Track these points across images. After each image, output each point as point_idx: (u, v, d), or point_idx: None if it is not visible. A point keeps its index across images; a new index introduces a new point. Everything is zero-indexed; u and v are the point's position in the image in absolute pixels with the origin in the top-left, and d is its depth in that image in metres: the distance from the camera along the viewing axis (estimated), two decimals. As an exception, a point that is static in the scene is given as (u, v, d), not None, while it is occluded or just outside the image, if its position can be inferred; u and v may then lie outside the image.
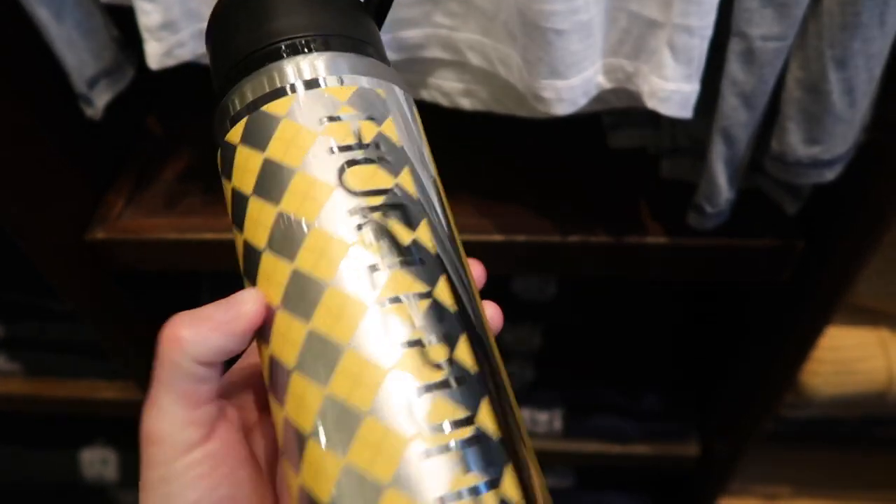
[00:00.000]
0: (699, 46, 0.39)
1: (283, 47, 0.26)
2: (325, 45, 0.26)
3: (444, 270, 0.24)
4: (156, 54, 0.46)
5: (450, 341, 0.22)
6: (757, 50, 0.41)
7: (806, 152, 0.45)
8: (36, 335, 0.80)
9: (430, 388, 0.21)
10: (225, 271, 0.75)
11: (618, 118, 0.59)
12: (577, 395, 0.82)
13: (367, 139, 0.24)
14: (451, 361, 0.22)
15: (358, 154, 0.24)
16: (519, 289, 0.77)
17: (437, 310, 0.23)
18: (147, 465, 0.23)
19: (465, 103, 0.50)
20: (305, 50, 0.26)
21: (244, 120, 0.25)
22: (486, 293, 0.27)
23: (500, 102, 0.49)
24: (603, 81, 0.43)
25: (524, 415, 0.78)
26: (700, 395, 0.83)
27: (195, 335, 0.23)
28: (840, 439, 0.83)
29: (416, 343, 0.22)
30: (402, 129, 0.26)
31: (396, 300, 0.22)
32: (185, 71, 0.49)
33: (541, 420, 0.81)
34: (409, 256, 0.23)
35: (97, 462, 0.95)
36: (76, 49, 0.51)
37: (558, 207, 0.56)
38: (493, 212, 0.56)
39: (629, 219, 0.56)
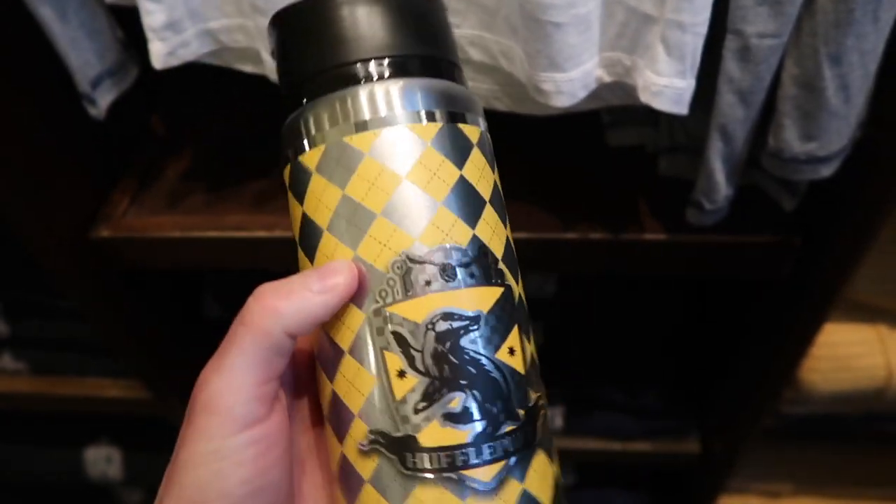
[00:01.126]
0: (692, 43, 0.39)
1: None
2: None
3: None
4: (160, 54, 0.46)
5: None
6: (753, 47, 0.41)
7: (802, 149, 0.45)
8: (40, 333, 0.80)
9: None
10: (228, 269, 0.76)
11: (617, 116, 0.59)
12: (578, 393, 0.83)
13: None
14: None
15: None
16: (519, 287, 0.78)
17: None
18: (198, 436, 0.23)
19: (465, 101, 0.51)
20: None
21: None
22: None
23: (500, 100, 0.50)
24: (602, 75, 0.44)
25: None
26: (700, 393, 0.83)
27: (291, 305, 0.23)
28: (840, 436, 0.83)
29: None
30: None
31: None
32: (189, 70, 0.49)
33: (542, 417, 0.81)
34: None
35: (101, 460, 0.95)
36: (80, 49, 0.51)
37: (558, 205, 0.57)
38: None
39: (628, 216, 0.56)
